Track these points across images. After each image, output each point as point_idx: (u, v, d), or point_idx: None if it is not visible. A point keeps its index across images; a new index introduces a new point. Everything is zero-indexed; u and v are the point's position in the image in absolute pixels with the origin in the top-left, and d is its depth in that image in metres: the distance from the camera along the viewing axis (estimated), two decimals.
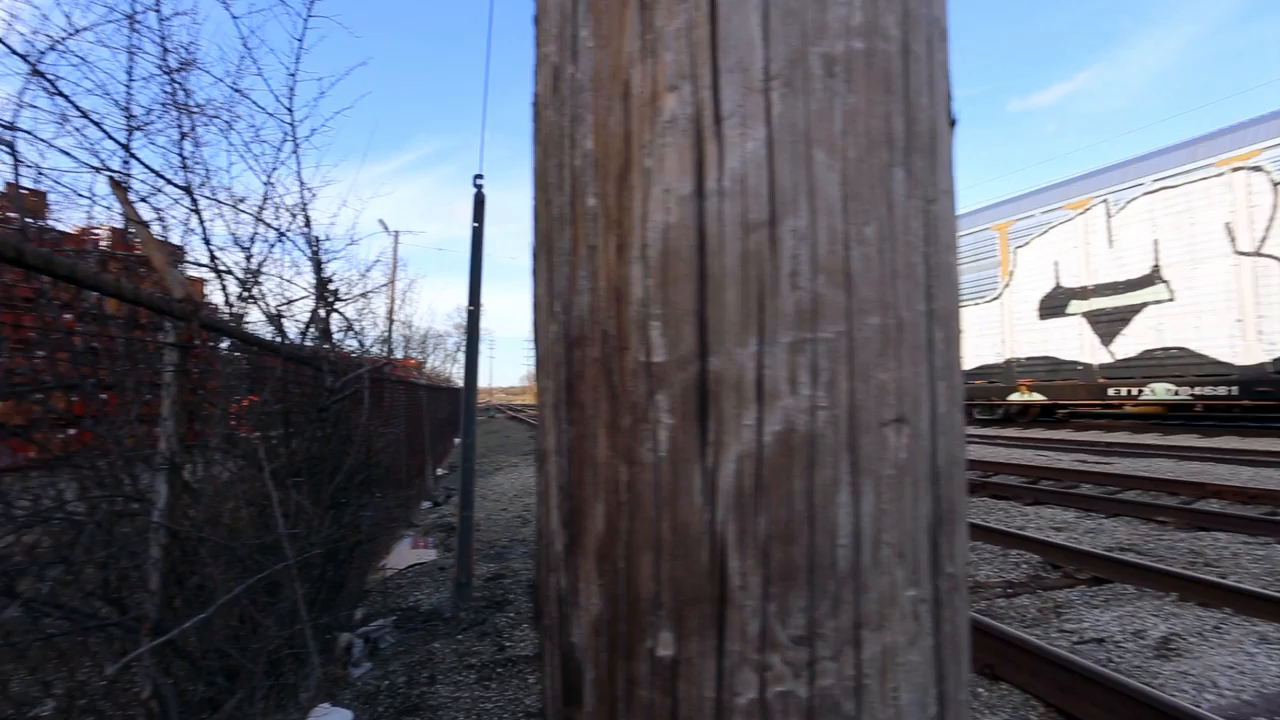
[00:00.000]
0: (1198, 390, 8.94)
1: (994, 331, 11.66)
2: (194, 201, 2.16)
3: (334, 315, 2.78)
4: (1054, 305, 10.72)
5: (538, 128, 0.42)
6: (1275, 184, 8.26)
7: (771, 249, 0.31)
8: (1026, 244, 11.18)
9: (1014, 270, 11.38)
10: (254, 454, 1.72)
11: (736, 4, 0.32)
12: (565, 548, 0.36)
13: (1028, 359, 11.12)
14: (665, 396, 0.31)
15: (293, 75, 2.69)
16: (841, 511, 0.30)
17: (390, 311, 14.86)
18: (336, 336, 2.93)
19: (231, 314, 2.22)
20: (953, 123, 0.38)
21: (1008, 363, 11.43)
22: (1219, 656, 2.35)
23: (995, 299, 11.68)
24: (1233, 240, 8.60)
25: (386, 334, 14.22)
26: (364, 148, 9.49)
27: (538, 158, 0.41)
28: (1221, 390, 8.69)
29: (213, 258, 2.22)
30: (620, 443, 0.33)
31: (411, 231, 35.29)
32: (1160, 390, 9.33)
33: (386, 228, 16.61)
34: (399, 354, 14.23)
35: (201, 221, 2.21)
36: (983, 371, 11.89)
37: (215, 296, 2.36)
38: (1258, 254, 8.36)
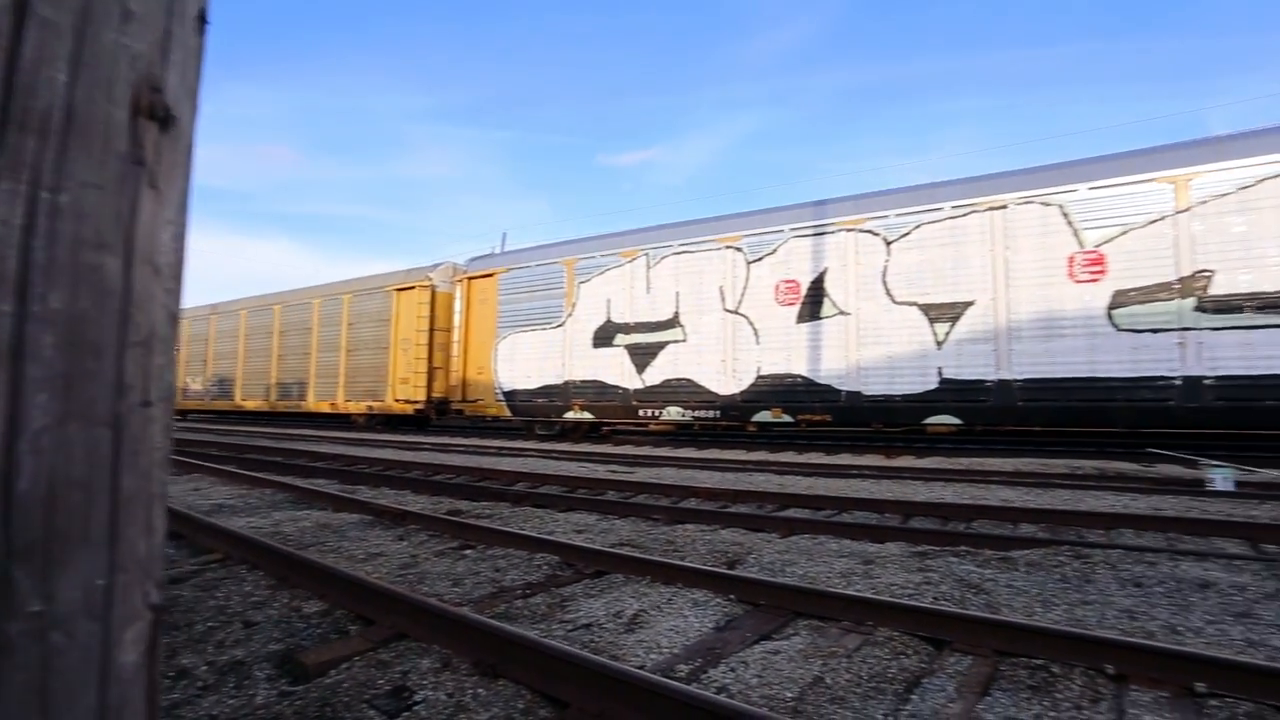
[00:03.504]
0: (697, 413, 11.57)
1: (557, 355, 13.12)
2: None
3: None
4: (605, 336, 12.64)
5: None
6: (749, 262, 11.30)
7: None
8: (588, 280, 12.95)
9: (577, 302, 13.04)
10: None
11: None
12: None
13: (582, 381, 12.82)
14: None
15: None
16: None
17: None
18: None
19: None
20: None
21: (566, 384, 12.97)
22: (667, 623, 2.94)
23: (560, 326, 13.17)
24: (723, 300, 11.46)
25: None
26: None
27: None
28: (711, 413, 11.42)
29: None
30: None
31: None
32: (674, 412, 11.77)
33: None
34: None
35: None
36: (545, 391, 13.24)
37: None
38: (736, 312, 11.33)
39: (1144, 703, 2.10)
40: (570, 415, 12.95)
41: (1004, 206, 9.53)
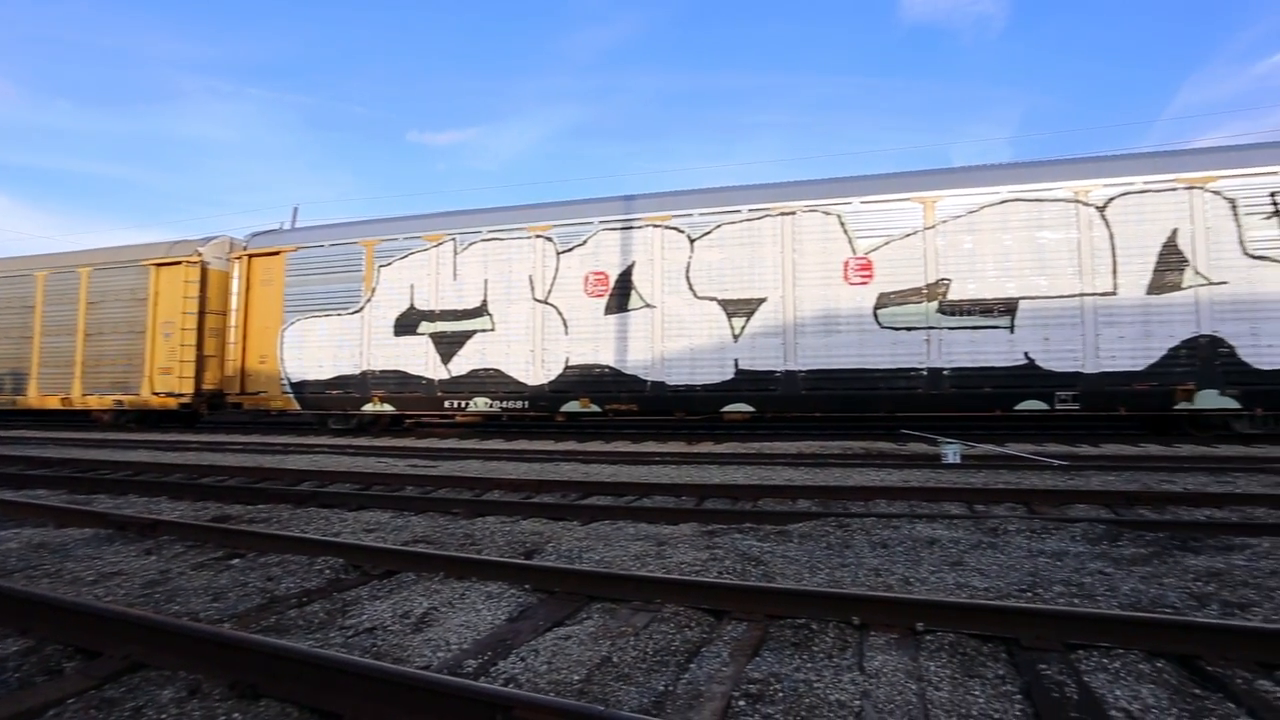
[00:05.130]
0: (505, 404, 11.38)
1: (354, 343, 12.17)
2: None
3: None
4: (407, 324, 11.96)
5: None
6: (559, 252, 11.32)
7: None
8: (390, 264, 12.16)
9: (376, 287, 12.19)
10: None
11: None
12: None
13: (382, 372, 12.02)
14: None
15: None
16: None
17: None
18: None
19: None
20: None
21: (364, 374, 12.08)
22: (459, 618, 2.83)
23: (357, 312, 12.23)
24: (533, 289, 11.37)
25: None
26: None
27: None
28: (519, 404, 11.30)
29: None
30: None
31: None
32: (481, 403, 11.47)
33: None
34: None
35: None
36: (340, 382, 12.23)
37: None
38: (546, 302, 11.30)
39: (879, 645, 2.42)
40: (369, 408, 12.08)
41: (793, 213, 10.49)
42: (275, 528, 4.51)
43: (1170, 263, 9.11)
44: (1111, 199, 9.37)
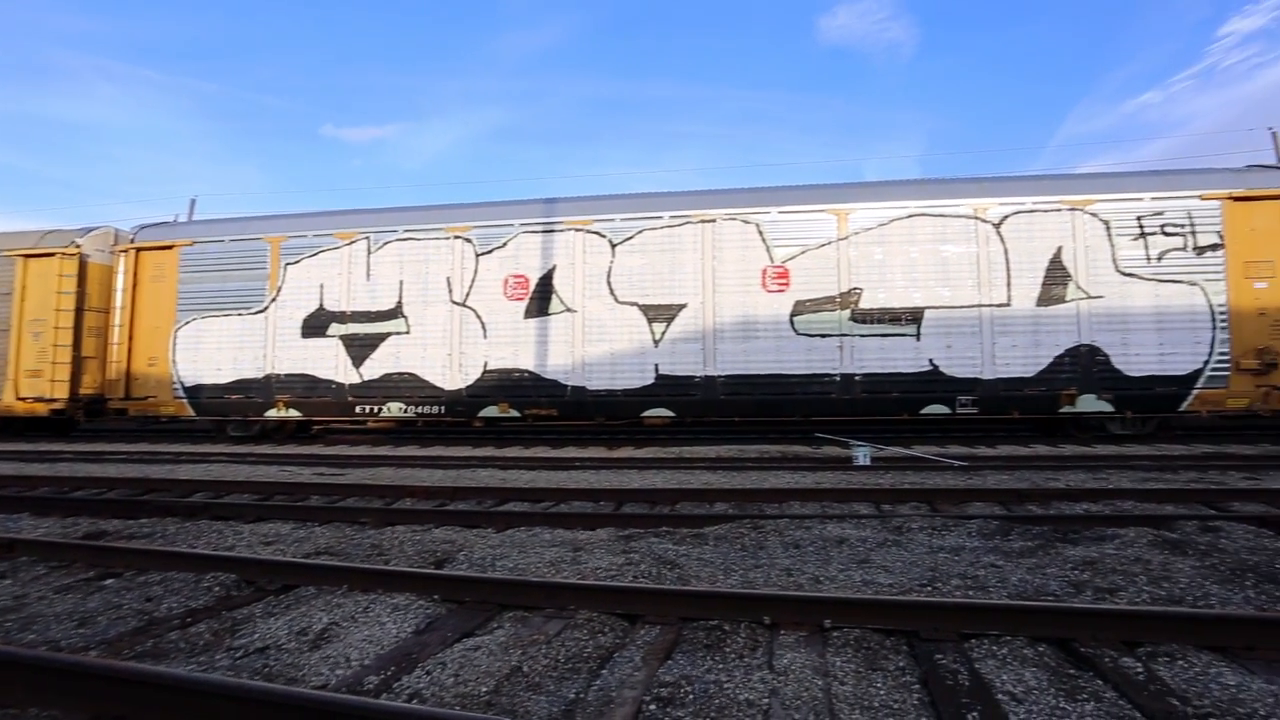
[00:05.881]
0: (420, 409, 11.01)
1: (257, 345, 11.45)
2: None
3: None
4: (316, 326, 11.38)
5: None
6: (478, 254, 11.08)
7: None
8: (298, 262, 11.53)
9: (283, 286, 11.53)
10: None
11: None
12: None
13: (288, 375, 11.37)
14: None
15: None
16: None
17: None
18: None
19: None
20: None
21: (268, 378, 11.40)
22: (361, 633, 2.69)
23: (261, 312, 11.54)
24: (451, 291, 11.07)
25: None
26: None
27: None
28: (435, 409, 10.96)
29: None
30: None
31: None
32: (395, 408, 11.06)
33: None
34: None
35: None
36: (241, 386, 11.48)
37: None
38: (464, 305, 11.03)
39: (788, 643, 2.46)
40: (273, 413, 11.41)
41: (714, 221, 10.66)
42: (159, 543, 4.17)
43: (1056, 277, 9.84)
44: (1006, 217, 10.03)
